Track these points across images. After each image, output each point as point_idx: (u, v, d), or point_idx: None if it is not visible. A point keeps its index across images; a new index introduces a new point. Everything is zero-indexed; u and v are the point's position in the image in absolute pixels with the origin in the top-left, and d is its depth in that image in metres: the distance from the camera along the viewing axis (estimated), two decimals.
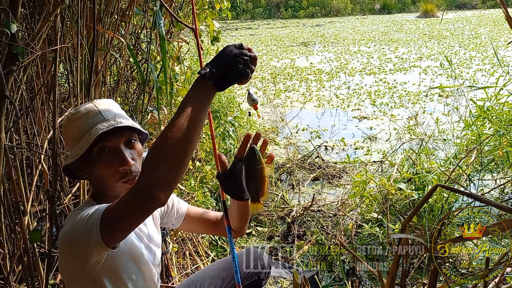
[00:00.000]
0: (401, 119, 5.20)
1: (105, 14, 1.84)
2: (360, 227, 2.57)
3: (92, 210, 0.96)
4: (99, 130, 1.04)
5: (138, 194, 0.83)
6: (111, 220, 0.89)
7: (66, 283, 1.07)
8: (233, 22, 20.16)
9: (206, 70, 0.91)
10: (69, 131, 1.12)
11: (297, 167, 3.81)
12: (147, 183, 0.81)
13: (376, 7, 22.51)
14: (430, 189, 1.24)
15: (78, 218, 0.97)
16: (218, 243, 2.59)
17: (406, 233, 1.07)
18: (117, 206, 0.89)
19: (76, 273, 1.01)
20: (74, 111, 1.12)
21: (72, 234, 0.97)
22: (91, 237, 0.90)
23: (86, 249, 0.92)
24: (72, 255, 0.98)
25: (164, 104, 2.57)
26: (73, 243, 0.96)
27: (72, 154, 1.08)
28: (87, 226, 0.92)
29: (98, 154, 1.06)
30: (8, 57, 1.30)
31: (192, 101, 0.87)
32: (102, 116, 1.09)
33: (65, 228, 1.01)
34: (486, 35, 12.09)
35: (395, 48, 10.73)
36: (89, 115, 1.09)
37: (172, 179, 0.82)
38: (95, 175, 1.09)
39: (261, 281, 1.51)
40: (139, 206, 0.84)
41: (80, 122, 1.09)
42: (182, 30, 2.75)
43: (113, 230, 0.90)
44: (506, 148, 2.63)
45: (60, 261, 1.06)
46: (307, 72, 8.33)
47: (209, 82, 0.90)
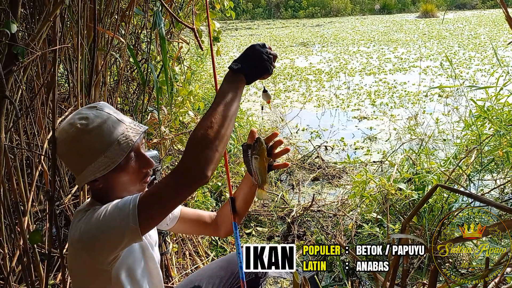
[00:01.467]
0: (401, 119, 5.20)
1: (105, 14, 1.84)
2: (360, 227, 2.57)
3: (120, 203, 0.96)
4: (129, 137, 1.04)
5: (187, 173, 0.89)
6: (151, 206, 0.93)
7: (78, 286, 1.05)
8: (233, 22, 20.16)
9: (238, 65, 1.01)
10: (86, 142, 1.01)
11: (297, 167, 3.81)
12: (196, 163, 0.89)
13: (376, 7, 22.52)
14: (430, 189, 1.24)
15: (99, 215, 0.96)
16: (218, 243, 2.59)
17: (406, 233, 1.07)
18: (156, 191, 0.93)
19: (93, 273, 1.00)
20: (84, 121, 1.02)
21: (97, 230, 0.95)
22: (126, 227, 0.92)
23: (116, 241, 0.94)
24: (94, 252, 0.96)
25: (164, 104, 2.57)
26: (100, 238, 0.95)
27: (99, 167, 1.02)
28: (119, 217, 0.93)
29: (125, 161, 1.04)
30: (8, 57, 1.30)
31: (228, 92, 0.97)
32: (120, 122, 1.06)
33: (82, 228, 0.98)
34: (486, 35, 12.10)
35: (394, 48, 10.73)
36: (107, 122, 1.03)
37: (217, 159, 0.91)
38: (116, 182, 1.06)
39: (259, 279, 1.52)
40: (187, 184, 0.90)
41: (99, 131, 1.02)
42: (182, 30, 2.75)
43: (152, 216, 0.93)
44: (506, 148, 2.63)
45: (73, 263, 1.03)
46: (307, 72, 8.33)
47: (240, 76, 1.01)
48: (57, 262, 2.06)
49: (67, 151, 1.04)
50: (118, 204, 0.97)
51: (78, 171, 1.05)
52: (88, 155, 1.02)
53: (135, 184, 1.10)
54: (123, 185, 1.07)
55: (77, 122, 1.02)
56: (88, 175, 1.03)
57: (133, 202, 0.94)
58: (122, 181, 1.07)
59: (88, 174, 1.03)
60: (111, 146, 1.02)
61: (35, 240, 1.43)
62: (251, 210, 2.97)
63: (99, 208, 1.00)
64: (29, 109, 1.80)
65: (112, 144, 1.02)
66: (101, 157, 1.01)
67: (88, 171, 1.03)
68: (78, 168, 1.04)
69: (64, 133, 1.03)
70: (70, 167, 1.08)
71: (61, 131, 1.05)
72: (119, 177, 1.05)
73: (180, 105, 2.64)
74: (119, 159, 1.02)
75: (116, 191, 1.08)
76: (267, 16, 22.03)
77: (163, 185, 0.92)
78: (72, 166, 1.07)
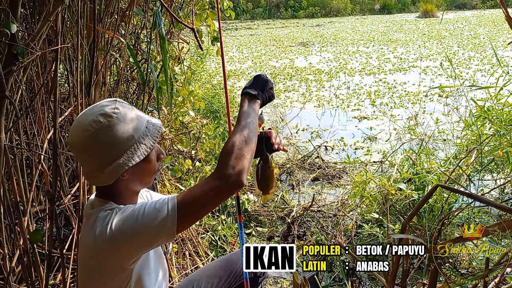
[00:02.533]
0: (401, 119, 5.20)
1: (105, 14, 1.84)
2: (360, 227, 2.57)
3: (157, 205, 0.99)
4: (156, 125, 1.10)
5: (226, 181, 1.00)
6: (192, 208, 0.99)
7: (90, 284, 1.05)
8: (233, 22, 20.16)
9: (255, 91, 1.22)
10: (120, 130, 1.02)
11: (297, 167, 3.81)
12: (233, 173, 1.00)
13: (376, 7, 22.52)
14: (430, 189, 1.24)
15: (135, 216, 0.97)
16: (218, 243, 2.59)
17: (406, 233, 1.07)
18: (198, 194, 0.99)
19: (115, 272, 1.01)
20: (117, 110, 1.04)
21: (133, 230, 0.96)
22: (164, 228, 0.97)
23: (152, 241, 0.98)
24: (126, 250, 0.98)
25: (164, 104, 2.57)
26: (136, 238, 0.97)
27: (134, 154, 1.04)
28: (158, 219, 0.97)
29: (150, 150, 1.09)
30: (8, 57, 1.30)
31: (249, 112, 1.16)
32: (140, 113, 1.11)
33: (114, 228, 0.97)
34: (485, 35, 12.10)
35: (393, 48, 10.74)
36: (134, 110, 1.08)
37: (248, 168, 1.04)
38: (140, 172, 1.09)
39: (258, 278, 1.54)
40: (226, 191, 1.00)
41: (131, 118, 1.05)
42: (182, 30, 2.75)
43: (192, 219, 1.01)
44: (506, 148, 2.63)
45: (91, 262, 1.02)
46: (307, 72, 8.33)
47: (258, 100, 1.21)
48: (57, 262, 2.06)
49: (99, 143, 1.01)
50: (156, 205, 0.99)
51: (107, 163, 1.02)
52: (118, 143, 1.02)
53: (152, 175, 1.13)
54: (143, 176, 1.11)
55: (109, 112, 1.02)
56: (123, 164, 1.02)
57: (171, 204, 0.98)
58: (145, 171, 1.10)
59: (123, 163, 1.02)
60: (143, 132, 1.06)
61: (36, 239, 1.44)
62: (251, 210, 2.98)
63: (125, 208, 1.01)
64: (29, 109, 1.80)
65: (143, 130, 1.06)
66: (135, 144, 1.04)
67: (123, 159, 1.02)
68: (108, 160, 1.02)
69: (94, 125, 1.01)
70: (95, 162, 1.03)
71: (89, 123, 1.01)
72: (143, 166, 1.09)
73: (181, 105, 2.64)
74: (152, 144, 1.08)
75: (135, 184, 1.10)
76: (267, 16, 22.03)
77: (206, 189, 0.99)
78: (101, 159, 1.02)
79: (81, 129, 1.01)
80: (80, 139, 1.01)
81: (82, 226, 1.12)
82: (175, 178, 2.73)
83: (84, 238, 1.06)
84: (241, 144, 1.05)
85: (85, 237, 1.05)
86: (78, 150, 1.04)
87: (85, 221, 1.09)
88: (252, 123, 1.13)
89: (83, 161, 1.06)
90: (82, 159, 1.06)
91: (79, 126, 1.02)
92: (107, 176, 1.03)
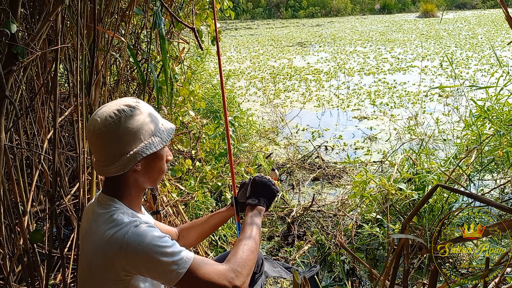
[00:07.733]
0: (401, 119, 5.20)
1: (105, 14, 1.84)
2: (360, 227, 2.57)
3: (176, 249, 1.02)
4: (169, 127, 1.15)
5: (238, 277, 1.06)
6: (199, 280, 1.02)
7: (91, 283, 1.06)
8: (233, 22, 20.17)
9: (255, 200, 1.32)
10: (141, 120, 1.07)
11: (297, 167, 3.81)
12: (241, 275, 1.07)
13: (376, 7, 22.53)
14: (430, 189, 1.24)
15: (155, 243, 0.99)
16: (218, 243, 2.59)
17: (406, 233, 1.07)
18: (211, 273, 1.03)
19: (115, 280, 1.02)
20: (137, 101, 1.10)
21: (146, 255, 0.98)
22: (171, 272, 0.99)
23: (154, 275, 1.01)
24: (133, 266, 1.00)
25: (164, 104, 2.56)
26: (145, 263, 0.99)
27: (151, 144, 1.07)
28: (174, 265, 1.00)
29: (166, 144, 1.13)
30: (8, 57, 1.30)
31: (255, 223, 1.25)
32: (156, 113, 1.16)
33: (130, 240, 0.99)
34: (483, 35, 12.10)
35: (391, 48, 10.74)
36: (152, 109, 1.13)
37: (251, 272, 1.12)
38: (152, 167, 1.12)
39: (254, 274, 1.58)
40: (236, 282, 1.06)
41: (150, 114, 1.10)
42: (182, 30, 2.75)
43: (193, 285, 1.04)
44: (506, 148, 2.63)
45: (99, 262, 1.02)
46: (306, 72, 8.33)
47: (259, 207, 1.31)
48: (57, 262, 2.06)
49: (122, 129, 1.04)
50: (174, 249, 1.01)
51: (125, 151, 1.04)
52: (144, 132, 1.07)
53: (160, 174, 1.16)
54: (153, 172, 1.13)
55: (132, 104, 1.07)
56: (141, 151, 1.05)
57: (187, 262, 1.01)
58: (156, 167, 1.13)
59: (141, 150, 1.05)
60: (159, 127, 1.11)
61: (36, 239, 1.44)
62: None
63: (146, 229, 1.01)
64: (29, 109, 1.80)
65: (159, 125, 1.11)
66: (153, 135, 1.09)
67: (141, 147, 1.06)
68: (127, 147, 1.04)
69: (117, 113, 1.04)
70: (113, 150, 1.05)
71: (113, 111, 1.04)
72: (155, 161, 1.12)
73: (181, 105, 2.64)
74: (168, 138, 1.12)
75: (144, 178, 1.12)
76: (267, 16, 22.02)
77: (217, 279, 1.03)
78: (119, 146, 1.04)
79: (104, 116, 1.04)
80: (102, 125, 1.03)
81: (87, 223, 1.11)
82: (175, 178, 2.72)
83: (92, 236, 1.05)
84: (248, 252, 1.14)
85: (93, 236, 1.04)
86: (98, 136, 1.05)
87: (91, 219, 1.08)
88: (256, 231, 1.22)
89: (100, 147, 1.06)
90: (99, 146, 1.06)
91: (102, 114, 1.05)
92: (123, 164, 1.05)
